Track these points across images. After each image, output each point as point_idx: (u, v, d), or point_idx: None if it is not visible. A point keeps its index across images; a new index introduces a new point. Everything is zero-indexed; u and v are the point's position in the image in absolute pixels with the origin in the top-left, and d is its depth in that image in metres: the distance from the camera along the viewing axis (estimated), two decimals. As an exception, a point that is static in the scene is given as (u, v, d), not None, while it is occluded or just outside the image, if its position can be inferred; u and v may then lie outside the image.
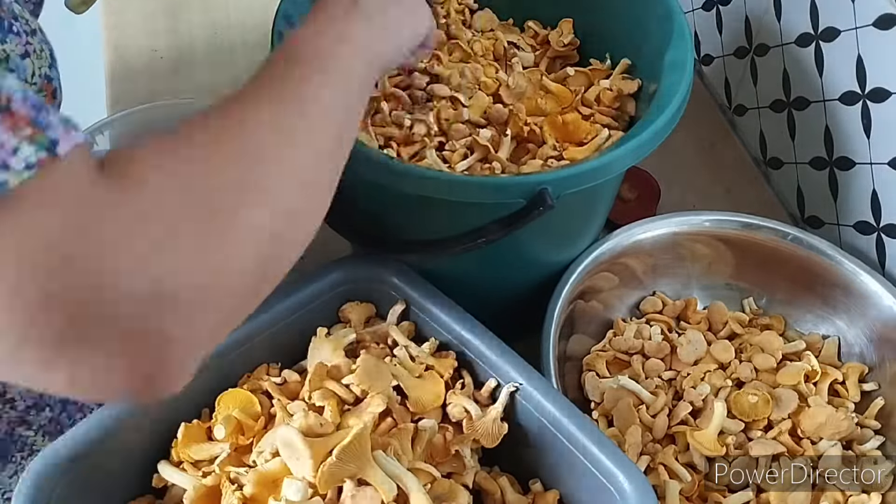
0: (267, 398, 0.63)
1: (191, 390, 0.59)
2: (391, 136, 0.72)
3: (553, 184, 0.58)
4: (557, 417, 0.59)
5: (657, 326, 0.79)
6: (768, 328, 0.80)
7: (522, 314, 0.74)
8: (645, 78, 0.75)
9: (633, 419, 0.70)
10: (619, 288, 0.81)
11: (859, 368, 0.76)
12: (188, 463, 0.60)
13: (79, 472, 0.56)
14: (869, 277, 0.76)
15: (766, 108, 0.96)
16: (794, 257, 0.79)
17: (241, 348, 0.63)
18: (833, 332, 0.79)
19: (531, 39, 0.84)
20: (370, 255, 0.69)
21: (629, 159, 0.61)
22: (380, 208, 0.69)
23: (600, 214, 0.76)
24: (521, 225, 0.59)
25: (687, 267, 0.83)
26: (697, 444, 0.67)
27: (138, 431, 0.59)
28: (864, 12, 0.76)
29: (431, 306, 0.66)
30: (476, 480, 0.62)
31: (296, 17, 0.70)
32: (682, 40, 0.68)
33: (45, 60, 0.53)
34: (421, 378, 0.63)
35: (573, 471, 0.59)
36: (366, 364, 0.61)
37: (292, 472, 0.55)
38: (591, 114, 0.75)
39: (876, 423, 0.73)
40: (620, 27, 0.78)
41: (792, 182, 0.93)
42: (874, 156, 0.79)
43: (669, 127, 0.63)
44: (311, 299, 0.67)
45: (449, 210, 0.62)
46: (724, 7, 1.01)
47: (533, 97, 0.75)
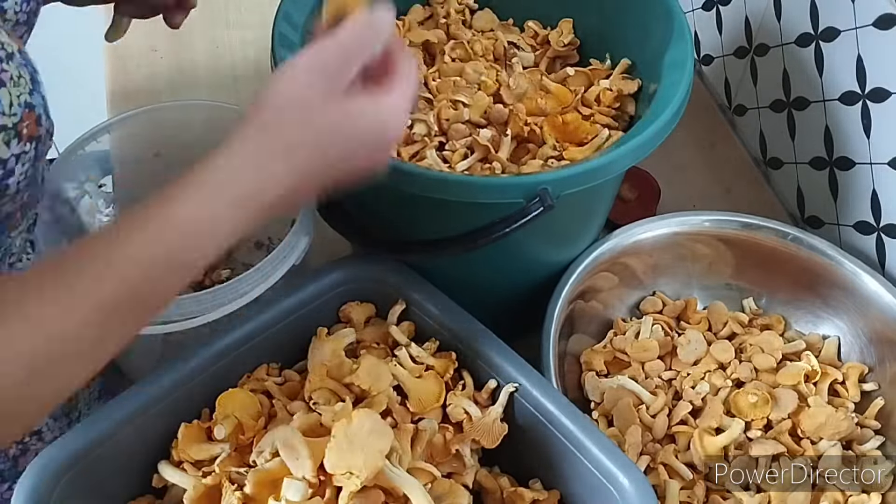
0: (267, 398, 0.63)
1: (191, 390, 0.60)
2: (392, 136, 0.72)
3: (553, 184, 0.58)
4: (557, 417, 0.59)
5: (657, 325, 0.79)
6: (768, 328, 0.80)
7: (522, 314, 0.74)
8: (645, 78, 0.75)
9: (633, 419, 0.70)
10: (619, 288, 0.81)
11: (859, 368, 0.76)
12: (188, 463, 0.60)
13: (79, 472, 0.55)
14: (869, 278, 0.75)
15: (766, 108, 0.96)
16: (795, 257, 0.79)
17: (241, 348, 0.63)
18: (833, 332, 0.79)
19: (531, 39, 0.84)
20: (370, 255, 0.69)
21: (629, 159, 0.61)
22: (380, 208, 0.69)
23: (600, 214, 0.76)
24: (521, 225, 0.59)
25: (687, 267, 0.83)
26: (701, 448, 0.68)
27: (138, 431, 0.59)
28: (864, 12, 0.76)
29: (431, 306, 0.66)
30: (476, 479, 0.62)
31: (296, 16, 0.70)
32: (682, 40, 0.68)
33: (24, 87, 0.50)
34: (421, 378, 0.63)
35: (573, 471, 0.59)
36: (367, 364, 0.61)
37: (292, 472, 0.55)
38: (591, 114, 0.75)
39: (876, 423, 0.73)
40: (621, 27, 0.78)
41: (792, 182, 0.93)
42: (874, 156, 0.79)
43: (669, 127, 0.63)
44: (312, 299, 0.66)
45: (449, 210, 0.62)
46: (724, 7, 1.01)
47: (533, 97, 0.75)
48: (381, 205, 0.69)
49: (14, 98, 0.49)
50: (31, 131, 0.51)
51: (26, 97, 0.50)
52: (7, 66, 0.49)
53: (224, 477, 0.58)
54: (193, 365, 0.61)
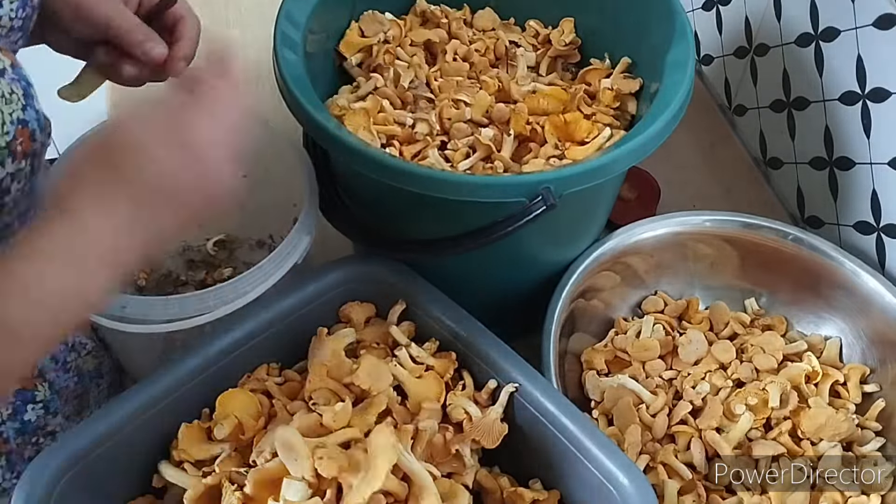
0: (267, 398, 0.63)
1: (191, 390, 0.60)
2: (393, 135, 0.72)
3: (555, 183, 0.58)
4: (557, 417, 0.59)
5: (659, 325, 0.79)
6: (770, 329, 0.80)
7: (522, 314, 0.74)
8: (646, 77, 0.75)
9: (632, 418, 0.70)
10: (620, 287, 0.81)
11: (861, 370, 0.76)
12: (188, 463, 0.60)
13: (79, 472, 0.55)
14: (870, 278, 0.75)
15: (766, 108, 0.96)
16: (797, 258, 0.79)
17: (242, 348, 0.63)
18: (835, 333, 0.79)
19: (532, 39, 0.84)
20: (370, 255, 0.69)
21: (631, 158, 0.61)
22: (382, 207, 0.69)
23: (601, 214, 0.76)
24: (523, 224, 0.59)
25: (689, 267, 0.82)
26: (715, 443, 0.68)
27: (138, 431, 0.59)
28: (864, 12, 0.76)
29: (431, 306, 0.66)
30: (476, 479, 0.62)
31: (298, 15, 0.70)
32: (683, 39, 0.68)
33: (16, 103, 0.49)
34: (421, 378, 0.63)
35: (573, 471, 0.59)
36: (367, 364, 0.61)
37: (291, 473, 0.55)
38: (593, 113, 0.75)
39: (876, 424, 0.73)
40: (622, 26, 0.78)
41: (792, 182, 0.93)
42: (874, 156, 0.79)
43: (671, 126, 0.63)
44: (312, 299, 0.66)
45: (451, 209, 0.62)
46: (724, 7, 1.01)
47: (535, 96, 0.75)
48: (383, 204, 0.69)
49: (6, 116, 0.48)
50: (25, 148, 0.50)
51: (19, 114, 0.49)
52: None
53: (224, 477, 0.58)
54: (194, 365, 0.61)
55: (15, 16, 0.53)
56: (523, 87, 0.76)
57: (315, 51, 0.72)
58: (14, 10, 0.53)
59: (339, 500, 0.54)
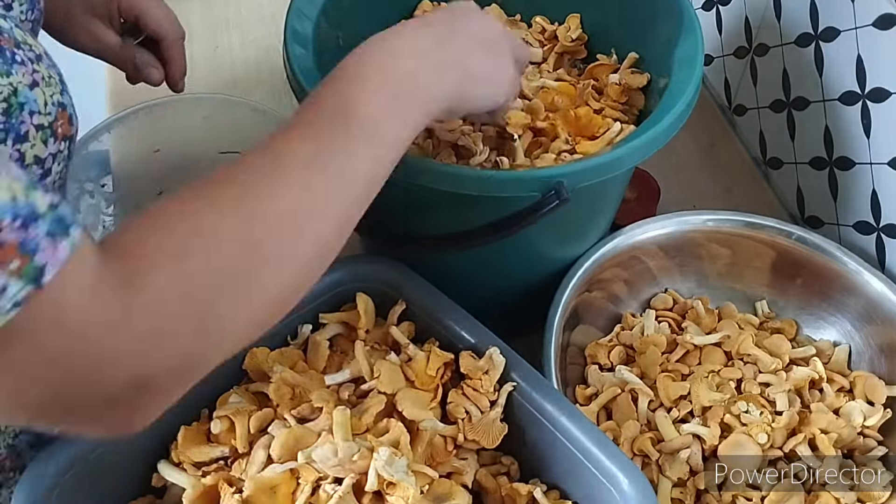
0: (267, 398, 0.63)
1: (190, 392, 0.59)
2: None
3: (569, 177, 0.58)
4: (557, 417, 0.59)
5: (664, 322, 0.79)
6: (779, 332, 0.79)
7: (523, 313, 0.74)
8: (654, 72, 0.75)
9: (631, 414, 0.70)
10: (630, 283, 0.81)
11: (866, 377, 0.75)
12: (188, 463, 0.60)
13: (79, 472, 0.55)
14: (882, 285, 0.75)
15: (766, 108, 0.96)
16: (810, 263, 0.78)
17: (241, 349, 0.63)
18: (844, 339, 0.79)
19: (539, 35, 0.84)
20: (370, 255, 0.69)
21: (643, 152, 0.61)
22: (393, 203, 0.69)
23: (610, 210, 0.76)
24: (536, 219, 0.59)
25: (702, 266, 0.82)
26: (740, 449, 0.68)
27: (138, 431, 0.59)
28: (864, 12, 0.76)
29: (431, 306, 0.66)
30: (476, 478, 0.62)
31: (308, 10, 0.69)
32: (692, 34, 0.69)
33: (55, 87, 0.51)
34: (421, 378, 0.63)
35: (573, 471, 0.59)
36: (385, 370, 0.62)
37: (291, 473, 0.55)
38: (601, 108, 0.75)
39: (878, 435, 0.72)
40: (629, 22, 0.78)
41: (792, 182, 0.93)
42: (874, 156, 0.79)
43: (681, 121, 0.63)
44: (311, 299, 0.66)
45: (464, 204, 0.62)
46: (724, 7, 1.01)
47: (548, 92, 0.75)
48: (395, 200, 0.68)
49: (48, 97, 0.49)
50: (64, 130, 0.51)
51: (58, 96, 0.51)
52: (38, 67, 0.49)
53: (222, 479, 0.58)
54: (193, 365, 0.61)
55: (24, 18, 0.54)
56: (532, 82, 0.76)
57: (325, 45, 0.72)
58: (24, 11, 0.54)
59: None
